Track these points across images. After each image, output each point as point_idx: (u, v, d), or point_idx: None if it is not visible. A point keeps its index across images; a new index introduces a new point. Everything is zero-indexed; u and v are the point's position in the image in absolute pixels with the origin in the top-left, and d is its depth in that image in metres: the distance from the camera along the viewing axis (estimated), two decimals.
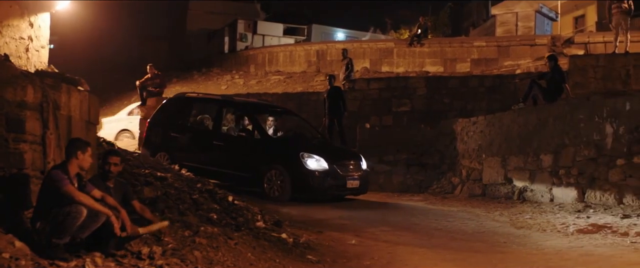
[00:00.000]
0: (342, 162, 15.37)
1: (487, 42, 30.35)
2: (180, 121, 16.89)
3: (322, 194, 14.98)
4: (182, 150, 16.17)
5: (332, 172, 14.96)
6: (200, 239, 8.05)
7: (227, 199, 11.00)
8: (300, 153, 14.94)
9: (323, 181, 14.88)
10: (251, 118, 16.22)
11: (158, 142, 16.67)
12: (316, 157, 14.95)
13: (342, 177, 15.13)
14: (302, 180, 14.78)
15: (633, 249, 10.10)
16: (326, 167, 14.91)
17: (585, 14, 41.79)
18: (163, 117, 17.10)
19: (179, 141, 16.38)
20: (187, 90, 33.66)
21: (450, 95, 21.92)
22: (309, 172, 14.78)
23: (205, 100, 17.87)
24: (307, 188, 14.83)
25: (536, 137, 15.60)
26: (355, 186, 15.41)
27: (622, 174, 13.74)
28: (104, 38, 48.91)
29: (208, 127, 16.71)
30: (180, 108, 17.28)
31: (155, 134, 16.93)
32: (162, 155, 16.03)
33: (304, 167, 14.78)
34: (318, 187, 14.87)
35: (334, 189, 15.14)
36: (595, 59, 20.28)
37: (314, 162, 14.88)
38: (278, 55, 37.55)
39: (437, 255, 9.86)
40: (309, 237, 10.40)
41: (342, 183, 15.15)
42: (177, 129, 16.63)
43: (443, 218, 13.44)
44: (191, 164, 15.38)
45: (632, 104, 13.93)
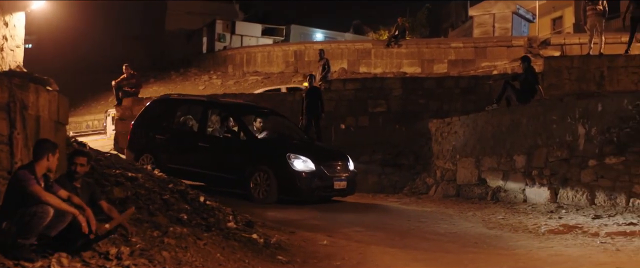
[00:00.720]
0: (329, 163, 15.15)
1: (464, 43, 30.49)
2: (165, 123, 16.69)
3: (309, 196, 14.69)
4: (167, 152, 15.98)
5: (319, 173, 14.72)
6: (169, 239, 8.02)
7: (198, 200, 10.96)
8: (287, 154, 14.71)
9: (310, 182, 14.64)
10: (237, 119, 15.95)
11: (142, 144, 16.49)
12: (303, 157, 14.72)
13: (329, 178, 14.88)
14: (289, 182, 14.55)
15: (602, 249, 10.17)
16: (313, 168, 14.66)
17: (562, 16, 41.99)
18: (147, 119, 16.94)
19: (164, 143, 16.20)
20: (165, 90, 33.68)
21: (426, 96, 21.95)
22: (295, 173, 14.54)
23: (190, 102, 17.63)
24: (293, 189, 14.60)
25: (509, 138, 15.67)
26: (343, 187, 15.18)
27: (594, 175, 13.83)
28: (82, 38, 48.76)
29: (193, 128, 16.44)
30: (164, 109, 17.12)
31: (140, 135, 16.75)
32: (146, 157, 15.93)
33: (291, 168, 14.53)
34: (305, 189, 14.62)
35: (320, 190, 14.88)
36: (570, 61, 20.42)
37: (301, 163, 14.64)
38: (256, 55, 37.56)
39: (408, 255, 9.89)
40: (281, 237, 10.38)
41: (329, 185, 14.91)
42: (161, 130, 16.44)
43: (416, 219, 13.47)
44: (176, 166, 15.33)
45: (604, 105, 14.02)
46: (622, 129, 13.60)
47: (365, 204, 15.48)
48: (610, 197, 13.52)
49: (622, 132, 13.59)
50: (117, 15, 51.14)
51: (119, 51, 46.31)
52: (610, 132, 13.74)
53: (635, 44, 20.31)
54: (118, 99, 25.28)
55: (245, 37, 45.02)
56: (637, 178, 13.29)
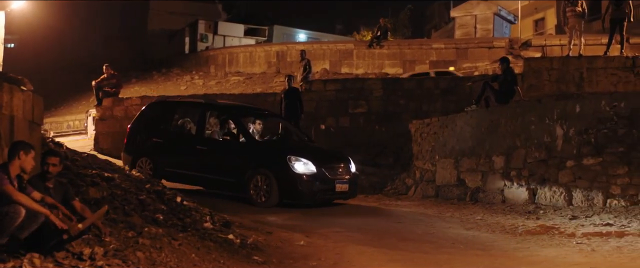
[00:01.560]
0: (331, 165, 14.82)
1: (445, 44, 30.59)
2: (162, 125, 16.47)
3: (311, 199, 14.43)
4: (164, 155, 15.74)
5: (321, 175, 14.42)
6: (144, 240, 8.00)
7: (175, 200, 10.94)
8: (288, 156, 14.41)
9: (311, 185, 14.34)
10: (236, 121, 15.64)
11: (139, 147, 16.28)
12: (304, 160, 14.41)
13: (331, 181, 14.57)
14: (290, 185, 14.22)
15: (578, 250, 10.23)
16: (314, 170, 14.34)
17: (545, 17, 42.21)
18: (144, 122, 16.74)
19: (161, 146, 15.96)
20: (146, 90, 33.68)
21: (406, 97, 21.96)
22: (296, 175, 14.21)
23: (188, 104, 17.50)
24: (295, 192, 14.28)
25: (488, 138, 15.70)
26: (345, 190, 14.87)
27: (571, 176, 13.90)
28: (64, 38, 48.56)
29: (191, 131, 16.16)
30: (161, 112, 16.91)
31: (136, 139, 16.55)
32: (143, 161, 15.78)
33: (292, 170, 14.22)
34: (306, 192, 14.30)
35: (322, 193, 14.58)
36: (550, 62, 20.52)
37: (302, 166, 14.33)
38: (238, 56, 37.54)
39: (384, 255, 9.91)
40: (258, 237, 10.37)
41: (331, 187, 14.58)
42: (158, 133, 16.24)
43: (395, 220, 13.51)
44: (174, 170, 15.26)
45: (582, 107, 14.09)
46: (599, 130, 13.68)
47: (344, 204, 15.44)
48: (587, 198, 13.60)
49: (600, 133, 13.67)
50: (99, 15, 50.99)
51: (100, 51, 46.15)
52: (588, 133, 13.81)
53: (614, 45, 20.42)
54: (98, 99, 25.22)
55: (228, 38, 44.95)
56: (614, 179, 13.38)
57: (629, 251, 9.93)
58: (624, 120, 13.51)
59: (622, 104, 13.63)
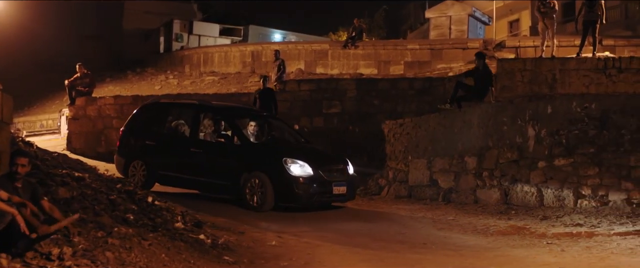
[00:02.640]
0: (328, 167, 14.51)
1: (420, 45, 30.63)
2: (155, 128, 16.19)
3: (308, 202, 14.09)
4: (158, 158, 15.45)
5: (317, 178, 14.07)
6: (113, 240, 7.96)
7: (146, 200, 10.89)
8: (283, 158, 14.03)
9: (308, 188, 13.95)
10: (230, 122, 15.32)
11: (133, 150, 16.00)
12: (300, 162, 14.05)
13: (328, 183, 14.24)
14: (286, 188, 13.86)
15: (548, 250, 10.31)
16: (311, 172, 13.99)
17: (519, 19, 42.48)
18: (137, 124, 16.43)
19: (155, 149, 15.67)
20: (121, 90, 33.54)
21: (380, 97, 21.97)
22: (292, 178, 13.84)
23: (181, 105, 17.09)
24: (291, 196, 13.91)
25: (461, 139, 15.76)
26: (342, 192, 14.53)
27: (543, 176, 14.01)
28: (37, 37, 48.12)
29: (185, 133, 15.72)
30: (155, 114, 16.60)
31: (129, 141, 16.27)
32: (137, 164, 15.49)
33: (287, 173, 13.86)
34: (303, 195, 13.93)
35: (319, 196, 14.22)
36: (523, 63, 20.56)
37: (298, 168, 13.97)
38: (213, 55, 37.44)
39: (356, 255, 9.94)
40: (229, 237, 10.38)
41: (328, 190, 14.26)
42: (152, 136, 15.95)
43: (367, 220, 13.54)
44: (168, 173, 15.04)
45: (553, 108, 14.20)
46: (570, 131, 13.81)
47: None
48: (558, 198, 13.71)
49: (571, 134, 13.79)
50: (73, 14, 50.64)
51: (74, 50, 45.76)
52: (559, 134, 13.93)
53: (587, 47, 20.56)
54: (71, 98, 25.13)
55: (203, 37, 44.80)
56: (584, 180, 13.51)
57: (598, 251, 10.02)
58: (594, 121, 13.63)
59: (593, 105, 13.76)
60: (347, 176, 14.87)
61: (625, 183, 13.23)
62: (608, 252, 9.95)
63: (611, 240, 10.72)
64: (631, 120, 13.42)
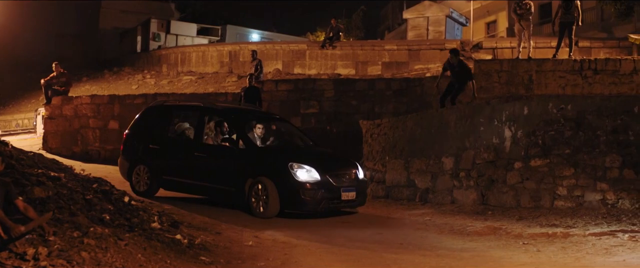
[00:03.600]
0: (336, 172, 13.88)
1: (398, 45, 30.68)
2: (159, 131, 15.57)
3: (314, 208, 13.44)
4: (161, 163, 15.02)
5: (325, 183, 13.45)
6: (89, 240, 7.91)
7: (123, 200, 10.83)
8: (289, 163, 13.43)
9: (315, 193, 13.30)
10: (235, 125, 14.64)
11: (136, 154, 15.54)
12: (307, 167, 13.43)
13: (336, 189, 13.61)
14: (292, 193, 13.25)
15: (524, 250, 10.36)
16: (318, 178, 13.38)
17: (497, 20, 42.73)
18: (141, 127, 15.97)
19: (159, 153, 15.18)
20: (98, 89, 33.39)
21: (358, 98, 22.01)
22: (299, 184, 13.23)
23: (186, 108, 16.40)
24: (297, 202, 13.33)
25: (438, 140, 15.81)
26: (351, 198, 13.91)
27: (519, 177, 14.05)
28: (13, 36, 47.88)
29: (189, 136, 15.25)
30: (158, 117, 15.90)
31: (133, 145, 15.79)
32: (140, 169, 15.12)
33: (293, 178, 13.25)
34: (309, 201, 13.29)
35: (327, 202, 13.52)
36: (500, 64, 20.68)
37: (305, 173, 13.36)
38: (191, 55, 37.33)
39: (332, 256, 9.95)
40: (206, 238, 10.35)
41: (337, 196, 13.62)
42: (155, 139, 15.41)
43: (343, 220, 13.53)
44: (172, 178, 14.70)
45: (530, 109, 14.25)
46: (547, 132, 13.86)
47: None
48: (534, 199, 13.76)
49: (547, 135, 13.85)
50: (49, 13, 50.35)
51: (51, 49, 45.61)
52: (536, 135, 13.98)
53: (563, 48, 20.71)
54: (47, 97, 25.03)
55: (181, 37, 44.67)
56: (560, 181, 13.57)
57: (574, 251, 10.08)
58: (570, 122, 13.70)
59: (569, 107, 13.83)
60: (357, 181, 14.28)
61: (601, 184, 13.31)
62: (583, 252, 10.01)
63: (586, 241, 10.78)
64: (606, 121, 13.50)
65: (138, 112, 23.60)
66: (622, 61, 19.72)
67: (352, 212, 14.38)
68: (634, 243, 10.44)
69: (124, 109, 24.16)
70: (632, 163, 13.17)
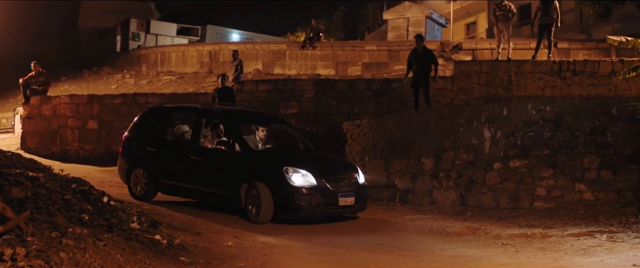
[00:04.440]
0: (334, 177, 13.37)
1: (378, 46, 30.71)
2: (157, 133, 15.25)
3: (310, 214, 12.96)
4: (159, 166, 14.74)
5: (321, 188, 12.92)
6: (68, 240, 7.86)
7: (101, 200, 10.78)
8: (284, 167, 12.96)
9: (310, 199, 12.80)
10: (231, 128, 14.25)
11: (134, 157, 15.30)
12: (302, 171, 12.97)
13: (333, 194, 13.06)
14: (286, 199, 12.79)
15: (503, 251, 10.40)
16: (314, 182, 12.88)
17: (476, 21, 42.94)
18: (139, 130, 15.71)
19: (156, 156, 14.90)
20: (77, 89, 33.22)
21: (338, 98, 22.03)
22: (293, 188, 12.75)
23: (183, 109, 16.11)
24: (291, 207, 12.83)
25: (418, 140, 15.85)
26: (350, 203, 13.34)
27: (498, 178, 14.11)
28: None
29: (186, 139, 14.95)
30: (157, 119, 15.62)
31: (131, 148, 15.55)
32: (138, 172, 14.90)
33: (288, 183, 12.79)
34: (305, 206, 12.79)
35: (323, 208, 12.98)
36: (479, 65, 20.81)
37: (300, 178, 12.89)
38: (170, 55, 37.23)
39: (312, 256, 9.96)
40: (186, 238, 10.33)
41: (333, 201, 13.08)
42: (153, 142, 15.11)
43: (323, 221, 13.52)
44: (169, 182, 14.44)
45: (509, 109, 14.32)
46: (526, 133, 13.93)
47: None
48: (513, 199, 13.83)
49: (526, 136, 13.92)
50: (28, 12, 50.04)
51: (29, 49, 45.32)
52: (515, 135, 14.05)
53: (542, 49, 20.83)
54: (26, 97, 24.89)
55: (160, 37, 44.52)
56: (539, 182, 13.64)
57: (552, 252, 10.12)
58: (549, 123, 13.78)
59: (548, 108, 13.91)
60: (357, 186, 13.73)
61: (579, 185, 13.39)
62: (562, 252, 10.06)
63: (565, 241, 10.84)
64: (585, 122, 13.58)
65: (117, 112, 23.79)
66: (601, 63, 19.88)
67: (352, 217, 13.95)
68: (611, 244, 10.50)
69: (103, 108, 24.09)
70: (610, 165, 13.26)
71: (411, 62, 18.33)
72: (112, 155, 23.58)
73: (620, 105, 13.55)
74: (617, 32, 27.80)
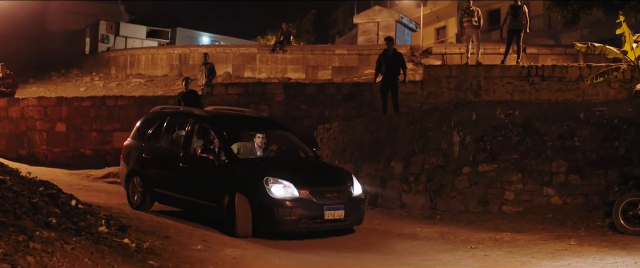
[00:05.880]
0: (320, 188, 12.22)
1: (348, 50, 30.74)
2: (153, 139, 14.60)
3: (292, 228, 11.90)
4: (153, 174, 14.09)
5: (304, 200, 11.87)
6: (35, 244, 7.79)
7: (69, 203, 10.69)
8: (265, 177, 11.96)
9: (291, 212, 11.76)
10: (219, 135, 13.22)
11: (132, 164, 14.64)
12: (284, 182, 11.93)
13: (318, 207, 11.94)
14: (265, 212, 11.79)
15: (471, 255, 10.46)
16: (296, 194, 11.86)
17: (446, 26, 43.18)
18: (138, 135, 15.05)
19: (150, 163, 14.27)
20: (45, 91, 32.94)
21: (308, 102, 22.04)
22: (273, 201, 11.76)
23: (177, 114, 15.08)
24: (271, 221, 11.81)
25: (388, 144, 15.88)
26: (339, 217, 12.15)
27: (467, 182, 14.19)
28: None
29: (178, 146, 13.97)
30: (153, 124, 14.89)
31: (130, 154, 14.88)
32: (136, 180, 14.30)
33: (267, 194, 11.80)
34: (286, 220, 11.77)
35: (306, 222, 11.91)
36: (449, 70, 20.90)
37: (281, 189, 11.86)
38: (140, 57, 37.03)
39: (282, 261, 9.93)
40: (154, 242, 10.24)
41: (318, 215, 11.94)
42: (149, 148, 14.51)
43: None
44: (161, 191, 13.81)
45: (478, 114, 14.41)
46: (495, 138, 14.03)
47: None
48: (482, 203, 13.91)
49: (495, 140, 14.01)
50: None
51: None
52: (484, 140, 14.14)
53: (511, 54, 20.96)
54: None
55: (130, 39, 44.32)
56: (508, 186, 13.74)
57: (520, 255, 10.19)
58: (518, 128, 13.88)
59: (517, 112, 14.02)
60: (349, 198, 12.52)
61: (547, 189, 13.50)
62: (529, 256, 10.13)
63: (533, 245, 10.92)
64: (553, 127, 13.70)
65: (86, 115, 23.64)
66: (569, 68, 20.04)
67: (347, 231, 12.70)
68: (579, 248, 10.61)
69: (72, 111, 23.93)
70: (577, 169, 13.39)
71: (380, 64, 18.35)
72: (80, 158, 23.47)
73: (588, 110, 13.68)
74: (585, 37, 28.10)
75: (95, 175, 20.43)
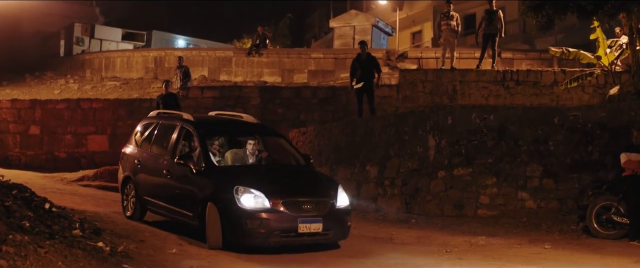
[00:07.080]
0: (296, 199, 11.31)
1: (324, 54, 30.76)
2: (145, 145, 14.12)
3: (262, 241, 10.99)
4: (142, 180, 13.63)
5: (276, 211, 11.02)
6: (8, 248, 7.73)
7: (43, 207, 10.62)
8: (235, 187, 11.20)
9: (262, 224, 10.92)
10: (201, 140, 12.56)
11: (127, 171, 14.26)
12: (255, 192, 11.12)
13: (292, 219, 10.99)
14: (234, 223, 11.04)
15: (446, 258, 10.48)
16: (267, 205, 11.02)
17: (422, 30, 43.22)
18: (133, 141, 14.61)
19: (142, 170, 13.73)
20: (18, 94, 32.65)
21: (284, 106, 22.06)
22: (242, 211, 10.98)
23: (169, 119, 14.35)
24: (239, 232, 11.02)
25: (363, 148, 15.91)
26: (316, 231, 11.13)
27: (443, 185, 14.25)
28: None
29: (164, 152, 13.36)
30: (149, 130, 14.37)
31: (126, 160, 14.49)
32: (129, 187, 13.91)
33: (237, 204, 11.05)
34: (257, 233, 10.91)
35: (278, 235, 11.00)
36: (425, 74, 20.98)
37: (251, 199, 11.08)
38: (115, 60, 36.84)
39: (258, 264, 9.95)
40: (129, 245, 10.19)
41: (292, 228, 11.01)
42: (141, 154, 14.01)
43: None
44: (149, 198, 13.33)
45: (453, 118, 14.47)
46: (470, 141, 14.09)
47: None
48: (458, 207, 13.96)
49: (470, 144, 14.07)
50: None
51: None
52: (459, 144, 14.20)
53: (487, 59, 21.05)
54: None
55: (105, 42, 43.96)
56: (483, 190, 13.81)
57: (495, 259, 10.24)
58: (493, 132, 13.95)
59: (492, 117, 14.08)
60: (329, 210, 11.44)
61: (522, 193, 13.58)
62: (504, 260, 10.17)
63: (508, 249, 10.97)
64: (527, 131, 13.79)
65: (60, 118, 23.50)
66: (543, 73, 20.18)
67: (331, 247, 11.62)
68: (554, 251, 10.68)
69: (46, 113, 23.78)
70: (552, 173, 13.47)
71: (355, 69, 18.37)
72: (54, 160, 23.32)
73: (562, 115, 13.78)
74: (559, 42, 28.23)
75: (69, 178, 20.27)
